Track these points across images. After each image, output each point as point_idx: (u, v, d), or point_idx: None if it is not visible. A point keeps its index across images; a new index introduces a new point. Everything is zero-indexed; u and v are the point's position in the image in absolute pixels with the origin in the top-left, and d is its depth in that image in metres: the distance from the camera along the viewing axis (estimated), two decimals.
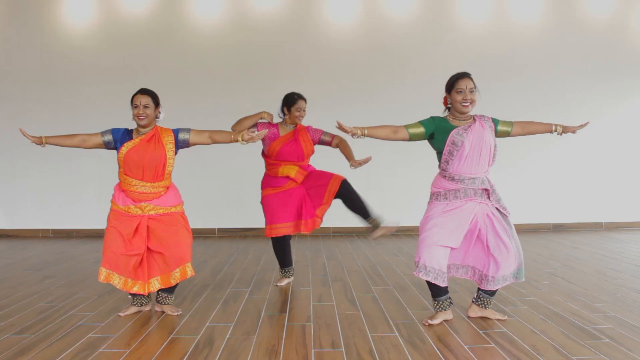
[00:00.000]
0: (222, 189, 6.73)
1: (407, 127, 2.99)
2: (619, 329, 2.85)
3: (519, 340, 2.70)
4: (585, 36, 7.02)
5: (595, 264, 4.70)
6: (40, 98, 6.81)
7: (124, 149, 3.10)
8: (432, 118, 3.02)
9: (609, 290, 3.73)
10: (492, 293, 3.04)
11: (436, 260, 2.92)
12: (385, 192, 6.86)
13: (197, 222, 3.36)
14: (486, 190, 2.99)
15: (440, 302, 3.02)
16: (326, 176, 3.83)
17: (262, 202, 3.91)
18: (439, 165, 3.06)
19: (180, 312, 3.25)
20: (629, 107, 7.11)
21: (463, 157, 2.92)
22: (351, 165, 3.62)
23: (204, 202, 6.68)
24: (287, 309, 3.32)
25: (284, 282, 4.00)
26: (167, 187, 3.23)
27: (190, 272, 3.17)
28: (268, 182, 3.89)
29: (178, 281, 3.17)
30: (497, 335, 2.78)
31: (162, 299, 3.25)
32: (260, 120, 3.81)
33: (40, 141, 3.09)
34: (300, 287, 3.91)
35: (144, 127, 3.16)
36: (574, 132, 3.08)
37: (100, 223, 6.72)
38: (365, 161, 3.55)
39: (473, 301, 3.12)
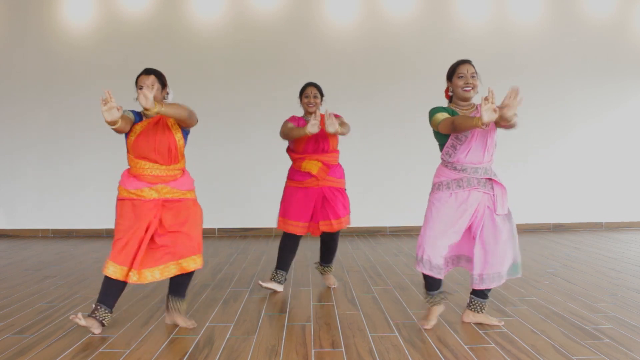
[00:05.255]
0: (222, 189, 6.73)
1: (441, 120, 2.78)
2: (619, 329, 2.85)
3: (519, 340, 2.70)
4: (585, 36, 7.03)
5: (595, 264, 4.70)
6: (40, 98, 6.81)
7: (132, 136, 2.88)
8: (441, 107, 2.89)
9: (609, 290, 3.73)
10: (484, 296, 2.96)
11: (438, 254, 2.85)
12: (385, 193, 6.87)
13: None
14: (490, 179, 2.87)
15: (434, 297, 2.96)
16: (343, 210, 3.77)
17: (283, 191, 3.89)
18: (441, 156, 2.96)
19: (196, 325, 2.98)
20: (629, 107, 7.12)
21: (468, 146, 2.82)
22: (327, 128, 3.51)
23: (204, 202, 6.59)
24: (287, 309, 3.33)
25: (270, 284, 3.72)
26: (183, 170, 3.04)
27: (194, 265, 2.88)
28: (292, 174, 3.87)
29: (175, 274, 2.86)
30: (497, 335, 2.78)
31: (173, 303, 2.97)
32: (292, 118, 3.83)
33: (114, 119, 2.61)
34: (300, 287, 3.91)
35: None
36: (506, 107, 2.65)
37: (100, 223, 6.83)
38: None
39: (467, 306, 3.04)
